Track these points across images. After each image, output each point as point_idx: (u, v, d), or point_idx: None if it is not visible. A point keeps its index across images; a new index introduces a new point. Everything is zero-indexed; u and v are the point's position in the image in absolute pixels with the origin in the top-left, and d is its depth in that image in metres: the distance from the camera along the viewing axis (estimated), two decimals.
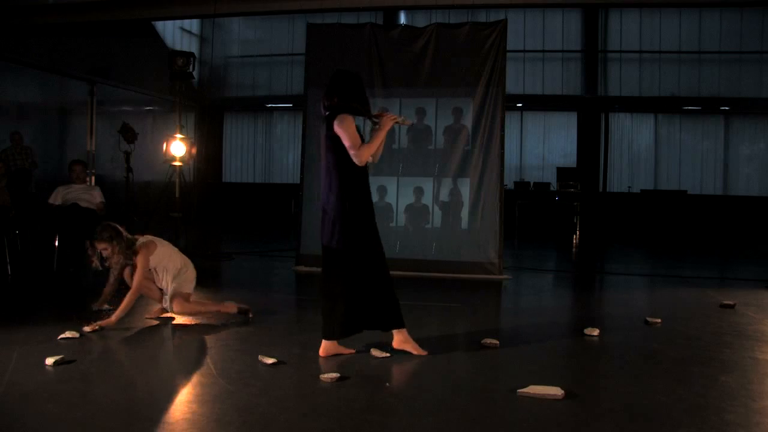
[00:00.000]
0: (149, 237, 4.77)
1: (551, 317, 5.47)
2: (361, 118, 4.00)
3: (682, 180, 15.67)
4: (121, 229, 4.63)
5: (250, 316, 4.88)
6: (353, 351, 3.97)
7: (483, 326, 4.84)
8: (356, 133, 3.78)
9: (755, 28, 15.05)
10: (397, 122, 3.93)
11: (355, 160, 3.74)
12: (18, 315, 5.09)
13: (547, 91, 15.70)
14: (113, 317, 4.47)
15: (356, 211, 3.82)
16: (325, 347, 3.89)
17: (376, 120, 3.95)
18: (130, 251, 4.59)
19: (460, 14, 13.19)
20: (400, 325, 3.96)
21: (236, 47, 17.23)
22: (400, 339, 3.98)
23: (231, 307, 4.88)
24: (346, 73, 3.95)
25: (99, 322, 4.44)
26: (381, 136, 3.82)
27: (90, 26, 12.31)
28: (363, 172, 3.86)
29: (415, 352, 3.93)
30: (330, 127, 3.80)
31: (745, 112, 15.52)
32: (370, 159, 3.87)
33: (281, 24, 16.74)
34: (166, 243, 4.85)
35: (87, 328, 4.36)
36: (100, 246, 4.56)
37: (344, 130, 3.73)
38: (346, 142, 3.73)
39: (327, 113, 3.89)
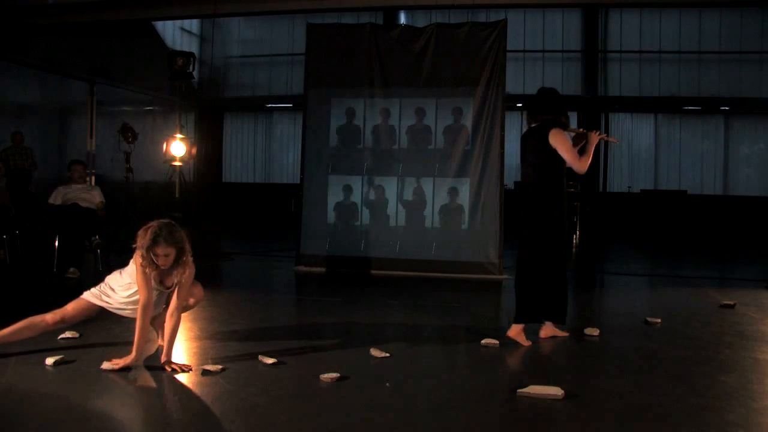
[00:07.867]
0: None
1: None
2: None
3: (682, 180, 15.66)
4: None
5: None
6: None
7: (483, 326, 4.83)
8: (572, 146, 4.33)
9: (755, 28, 15.05)
10: (602, 138, 4.47)
11: (578, 169, 4.29)
12: (18, 315, 5.08)
13: None
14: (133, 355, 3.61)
15: (554, 209, 4.33)
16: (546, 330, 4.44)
17: (571, 132, 4.45)
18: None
19: (460, 14, 13.17)
20: (557, 320, 4.46)
21: (236, 47, 17.22)
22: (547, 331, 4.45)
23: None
24: (553, 91, 4.50)
25: (118, 361, 3.57)
26: (591, 150, 4.37)
27: (90, 26, 12.32)
28: (562, 177, 4.39)
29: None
30: (544, 138, 4.32)
31: (745, 112, 15.51)
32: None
33: (281, 24, 16.74)
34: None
35: (106, 365, 3.55)
36: (165, 251, 3.52)
37: (561, 144, 4.28)
38: (566, 155, 4.28)
39: (535, 124, 4.49)
